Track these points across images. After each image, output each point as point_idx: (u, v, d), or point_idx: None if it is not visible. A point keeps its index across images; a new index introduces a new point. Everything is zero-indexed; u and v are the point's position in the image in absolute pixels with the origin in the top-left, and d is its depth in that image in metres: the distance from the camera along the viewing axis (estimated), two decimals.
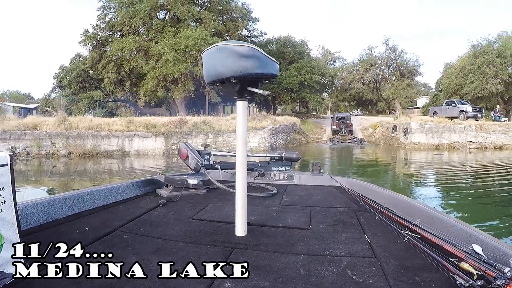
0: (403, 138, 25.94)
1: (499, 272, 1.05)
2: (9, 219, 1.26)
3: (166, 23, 29.80)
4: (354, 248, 1.64)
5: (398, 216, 1.85)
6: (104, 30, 31.28)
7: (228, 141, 20.16)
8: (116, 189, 2.55)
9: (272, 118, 24.08)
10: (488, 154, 21.08)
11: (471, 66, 34.61)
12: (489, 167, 15.41)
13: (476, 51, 35.44)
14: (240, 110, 1.83)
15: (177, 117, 21.28)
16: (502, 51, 33.55)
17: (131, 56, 28.31)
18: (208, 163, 3.25)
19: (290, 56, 39.68)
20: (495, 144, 24.39)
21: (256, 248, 1.65)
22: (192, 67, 26.27)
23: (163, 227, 1.98)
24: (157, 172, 3.48)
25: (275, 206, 2.52)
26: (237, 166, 1.85)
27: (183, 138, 18.67)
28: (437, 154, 20.85)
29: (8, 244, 1.24)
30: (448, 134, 24.60)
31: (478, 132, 24.81)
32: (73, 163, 15.55)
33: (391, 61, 45.06)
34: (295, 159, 3.68)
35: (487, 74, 33.29)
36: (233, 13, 32.93)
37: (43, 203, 1.95)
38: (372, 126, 31.81)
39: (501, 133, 24.87)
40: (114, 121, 18.91)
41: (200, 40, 25.93)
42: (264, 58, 1.68)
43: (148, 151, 18.12)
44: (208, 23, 28.55)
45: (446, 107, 30.90)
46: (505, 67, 33.24)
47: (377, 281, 1.28)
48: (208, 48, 1.75)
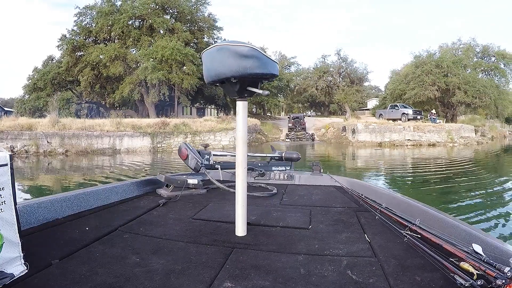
0: (351, 137, 28.96)
1: (499, 272, 1.06)
2: (9, 219, 1.26)
3: (142, 32, 31.76)
4: (354, 248, 1.67)
5: (398, 216, 1.88)
6: (81, 35, 32.56)
7: (204, 140, 22.62)
8: (116, 189, 2.60)
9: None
10: (423, 150, 24.42)
11: (413, 74, 38.06)
12: (425, 159, 18.48)
13: (418, 61, 39.13)
14: (240, 110, 1.87)
15: (160, 119, 23.49)
16: (440, 62, 37.02)
17: (110, 62, 29.81)
18: (208, 163, 3.30)
19: None
20: (429, 142, 27.98)
21: (256, 248, 1.68)
22: (167, 74, 28.74)
23: (163, 227, 2.00)
24: (148, 169, 3.84)
25: (275, 206, 2.56)
26: (237, 166, 1.89)
27: (167, 137, 21.40)
28: (377, 149, 23.99)
29: (8, 244, 1.25)
30: (389, 134, 28.18)
31: (415, 132, 28.28)
32: (71, 160, 16.86)
33: (342, 69, 49.25)
34: (295, 159, 3.74)
35: (426, 82, 36.71)
36: (200, 23, 35.27)
37: (43, 203, 1.98)
38: (325, 126, 35.09)
39: (434, 133, 28.71)
40: (104, 122, 20.97)
41: (176, 50, 28.34)
42: (264, 58, 1.71)
43: (137, 149, 20.39)
44: (180, 34, 31.06)
45: (390, 110, 34.69)
46: (442, 76, 36.51)
47: (377, 281, 1.30)
48: (208, 48, 1.78)
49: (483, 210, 7.08)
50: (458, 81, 35.62)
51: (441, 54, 39.40)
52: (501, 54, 37.80)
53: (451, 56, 38.57)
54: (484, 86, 35.48)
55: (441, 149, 25.59)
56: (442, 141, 28.51)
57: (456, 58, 37.83)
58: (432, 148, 26.02)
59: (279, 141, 30.51)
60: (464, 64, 37.61)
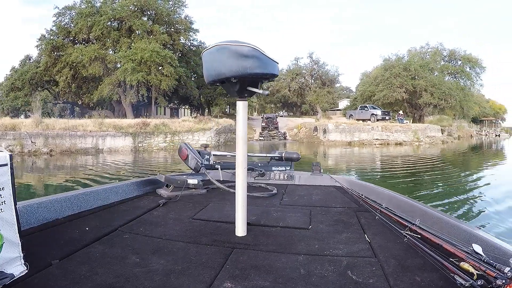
0: (322, 137, 30.16)
1: (499, 272, 1.07)
2: (9, 219, 1.27)
3: (121, 34, 32.03)
4: (354, 248, 1.69)
5: (398, 216, 1.90)
6: (60, 35, 32.71)
7: (182, 140, 22.50)
8: (116, 189, 2.63)
9: (215, 121, 27.09)
10: (391, 149, 25.78)
11: (382, 77, 39.63)
12: (392, 157, 19.75)
13: (387, 64, 40.77)
14: (240, 110, 1.87)
15: (140, 120, 23.90)
16: (408, 65, 38.71)
17: (90, 63, 30.06)
18: (208, 163, 3.36)
19: None
20: (396, 141, 29.47)
21: (256, 248, 1.69)
22: (146, 76, 29.27)
23: (163, 227, 2.02)
24: (130, 167, 3.87)
25: (275, 206, 2.59)
26: (237, 166, 1.90)
27: (147, 137, 21.82)
28: (347, 148, 25.24)
29: (8, 244, 1.26)
30: (359, 133, 29.55)
31: (383, 132, 29.83)
32: (56, 159, 17.03)
33: (314, 71, 50.82)
34: (295, 159, 3.82)
35: (394, 84, 38.34)
36: (177, 25, 35.81)
37: (43, 203, 1.99)
38: (297, 126, 35.98)
39: (401, 133, 30.37)
40: (86, 123, 21.24)
41: (154, 52, 28.86)
42: (264, 58, 1.71)
43: (119, 148, 20.69)
44: (158, 36, 31.64)
45: (360, 110, 36.17)
46: (409, 78, 38.14)
47: (377, 281, 1.31)
48: (208, 48, 1.79)
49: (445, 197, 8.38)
50: (425, 84, 37.45)
51: (409, 57, 41.11)
52: (467, 58, 39.99)
53: (419, 59, 40.37)
54: (449, 88, 37.33)
55: (407, 147, 26.97)
56: (408, 140, 30.13)
57: (423, 62, 39.64)
58: (399, 147, 27.36)
59: (253, 141, 31.20)
60: (431, 67, 39.41)
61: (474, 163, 18.17)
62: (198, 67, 37.00)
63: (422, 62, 40.02)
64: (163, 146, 22.34)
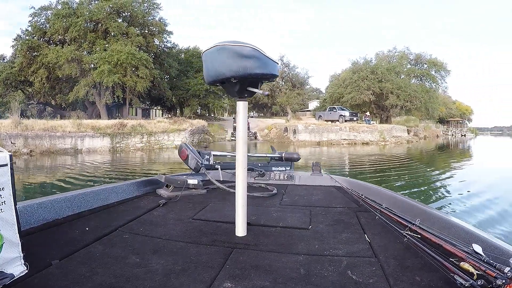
0: (292, 137, 31.23)
1: (499, 272, 1.08)
2: (9, 219, 1.27)
3: (97, 36, 32.15)
4: (354, 248, 1.70)
5: (398, 216, 1.90)
6: (35, 36, 32.67)
7: (158, 140, 23.67)
8: (116, 189, 2.63)
9: (189, 122, 27.67)
10: (358, 148, 27.28)
11: (350, 79, 40.97)
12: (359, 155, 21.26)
13: (355, 67, 42.20)
14: (240, 110, 1.87)
15: (118, 121, 24.12)
16: (376, 69, 40.25)
17: (66, 64, 30.10)
18: (208, 163, 3.36)
19: (197, 65, 42.67)
20: (363, 141, 31.25)
21: (256, 248, 1.70)
22: (122, 78, 29.69)
23: (163, 227, 2.02)
24: (107, 166, 3.92)
25: (275, 206, 2.60)
26: (237, 166, 1.90)
27: (125, 138, 22.20)
28: (316, 147, 26.31)
29: (8, 244, 1.25)
30: (327, 134, 31.20)
31: (350, 132, 31.64)
32: (36, 160, 17.27)
33: (285, 74, 51.69)
34: (295, 159, 3.86)
35: (361, 87, 39.82)
36: (151, 27, 36.24)
37: (43, 203, 1.98)
38: (268, 127, 36.84)
39: (368, 133, 32.20)
40: (65, 123, 21.46)
41: (130, 55, 29.20)
42: (264, 58, 1.72)
43: (97, 149, 21.06)
44: (134, 38, 32.06)
45: (329, 112, 37.60)
46: (377, 81, 39.64)
47: (377, 281, 1.32)
48: (208, 48, 1.78)
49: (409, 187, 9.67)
50: (391, 86, 39.06)
51: (377, 61, 42.76)
52: (432, 61, 41.98)
53: (386, 63, 41.84)
54: (415, 90, 39.07)
55: (373, 147, 28.35)
56: (375, 140, 32.01)
57: (390, 65, 41.08)
58: (365, 146, 28.90)
59: (225, 141, 31.81)
60: (397, 70, 40.88)
61: (435, 160, 19.85)
62: (171, 68, 37.28)
63: (389, 65, 41.49)
64: (140, 147, 22.75)
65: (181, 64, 41.34)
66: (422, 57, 43.59)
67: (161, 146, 24.09)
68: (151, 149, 23.02)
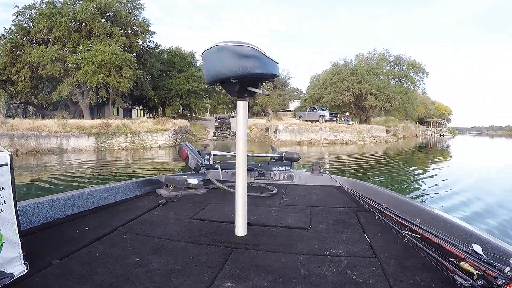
0: (273, 137, 31.69)
1: (499, 272, 1.08)
2: (9, 219, 1.27)
3: (82, 36, 32.13)
4: (354, 248, 1.70)
5: (398, 216, 1.91)
6: (19, 35, 32.59)
7: (142, 140, 23.94)
8: (116, 189, 2.63)
9: (172, 121, 27.89)
10: (337, 147, 27.84)
11: (330, 80, 41.81)
12: (337, 154, 21.76)
13: (335, 68, 43.00)
14: (241, 110, 1.87)
15: (102, 121, 24.17)
16: (355, 70, 41.20)
17: (51, 64, 30.31)
18: (208, 163, 3.37)
19: (179, 65, 43.73)
20: (342, 141, 32.02)
21: (256, 248, 1.70)
22: (106, 78, 29.76)
23: (163, 227, 2.02)
24: (92, 165, 3.85)
25: (275, 206, 2.60)
26: (237, 166, 1.90)
27: (109, 137, 22.36)
28: (296, 147, 26.78)
29: (8, 244, 1.26)
30: (307, 134, 31.71)
31: (330, 132, 32.26)
32: (22, 159, 17.25)
33: None
34: (295, 159, 3.87)
35: (341, 88, 40.73)
36: (135, 27, 36.34)
37: (43, 203, 1.99)
38: (249, 127, 35.67)
39: (347, 133, 33.01)
40: (50, 123, 21.54)
41: (114, 55, 29.33)
42: (264, 58, 1.72)
43: (82, 148, 21.18)
44: (117, 38, 32.24)
45: (309, 112, 38.05)
46: (356, 82, 40.62)
47: (377, 281, 1.32)
48: (208, 48, 1.77)
49: (387, 181, 10.48)
50: (370, 88, 40.06)
51: (357, 62, 43.63)
52: (411, 63, 43.13)
53: (365, 65, 42.77)
54: (393, 91, 39.99)
55: (353, 146, 29.01)
56: (354, 140, 32.84)
57: (369, 67, 42.02)
58: (345, 146, 29.46)
59: (207, 141, 32.12)
60: (376, 72, 41.89)
61: (413, 158, 20.67)
62: (154, 68, 37.43)
63: (368, 67, 42.40)
64: (124, 146, 22.91)
65: (164, 64, 41.48)
66: (401, 59, 44.73)
67: (145, 146, 24.31)
68: (135, 148, 23.16)
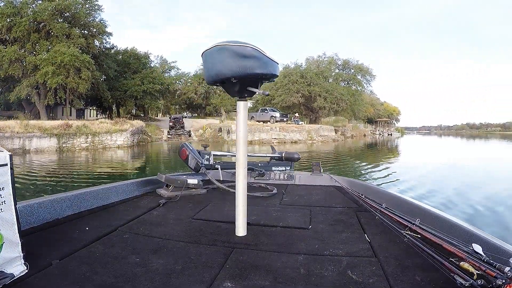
0: (226, 137, 32.61)
1: (499, 272, 1.10)
2: (9, 219, 1.29)
3: (41, 36, 32.27)
4: (354, 248, 1.72)
5: (398, 216, 1.93)
6: None
7: (102, 140, 24.42)
8: (116, 189, 2.64)
9: (130, 122, 28.36)
10: (287, 146, 28.81)
11: (281, 83, 43.06)
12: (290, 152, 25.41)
13: (286, 71, 44.15)
14: (241, 110, 1.89)
15: (63, 122, 24.40)
16: (305, 73, 42.72)
17: (9, 64, 30.55)
18: (208, 163, 3.39)
19: (135, 66, 44.33)
20: (292, 140, 33.72)
21: (256, 248, 1.71)
22: (65, 79, 30.14)
23: (163, 227, 2.02)
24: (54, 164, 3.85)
25: (275, 206, 2.61)
26: (237, 166, 1.91)
27: (71, 138, 22.75)
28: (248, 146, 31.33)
29: (8, 244, 1.27)
30: (259, 133, 33.09)
31: (281, 132, 34.01)
32: None
33: None
34: (295, 159, 3.89)
35: (291, 90, 42.29)
36: (92, 28, 36.86)
37: (43, 203, 2.00)
38: (202, 127, 38.09)
39: (297, 132, 34.78)
40: (12, 124, 21.78)
41: (74, 57, 29.67)
42: (264, 58, 1.73)
43: (45, 149, 21.38)
44: (76, 39, 32.61)
45: (261, 113, 39.21)
46: (306, 85, 42.24)
47: (377, 281, 1.34)
48: (208, 48, 1.78)
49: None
50: (319, 90, 41.77)
51: (307, 66, 45.13)
52: (358, 67, 45.45)
53: (315, 68, 44.37)
54: (341, 93, 41.94)
55: (302, 145, 30.72)
56: (303, 139, 34.58)
57: (318, 70, 43.62)
58: (294, 145, 31.15)
59: (162, 141, 33.00)
60: (326, 75, 43.58)
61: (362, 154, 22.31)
62: (109, 69, 37.57)
63: (317, 70, 43.98)
64: (85, 146, 23.27)
65: (119, 65, 41.62)
66: (350, 63, 46.99)
67: (105, 146, 24.67)
68: (95, 148, 23.44)
